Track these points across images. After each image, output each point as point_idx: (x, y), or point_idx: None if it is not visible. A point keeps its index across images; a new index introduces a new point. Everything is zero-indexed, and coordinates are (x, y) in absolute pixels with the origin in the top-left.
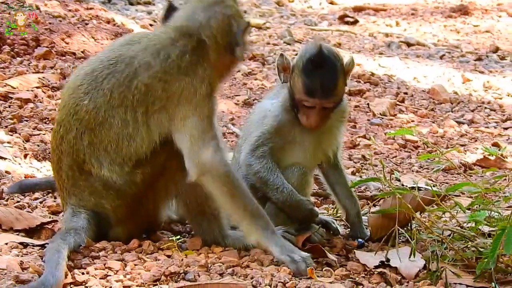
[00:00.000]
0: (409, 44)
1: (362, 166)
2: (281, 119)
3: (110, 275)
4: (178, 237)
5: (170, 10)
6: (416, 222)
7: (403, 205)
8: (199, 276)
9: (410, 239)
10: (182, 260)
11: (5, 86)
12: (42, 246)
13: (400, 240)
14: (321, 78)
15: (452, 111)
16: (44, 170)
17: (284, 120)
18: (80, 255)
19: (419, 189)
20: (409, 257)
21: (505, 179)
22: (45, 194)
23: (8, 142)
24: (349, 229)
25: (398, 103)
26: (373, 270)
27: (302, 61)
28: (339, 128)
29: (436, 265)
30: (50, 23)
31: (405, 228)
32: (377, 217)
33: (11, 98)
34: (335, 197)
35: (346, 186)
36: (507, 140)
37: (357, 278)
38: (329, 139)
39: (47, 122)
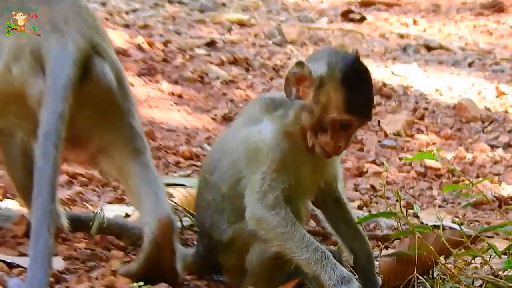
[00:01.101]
0: (429, 48)
1: (371, 198)
2: (283, 149)
3: None
4: (141, 283)
5: None
6: (440, 268)
7: (424, 247)
8: None
9: None
10: None
11: None
12: None
13: None
14: (365, 92)
15: (483, 132)
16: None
17: (287, 149)
18: None
19: (443, 228)
20: None
21: None
22: None
23: None
24: (356, 277)
25: (416, 120)
26: None
27: (339, 71)
28: None
29: None
30: None
31: (426, 276)
32: (391, 262)
33: None
34: (339, 237)
35: (353, 223)
36: None
37: None
38: (326, 167)
39: None
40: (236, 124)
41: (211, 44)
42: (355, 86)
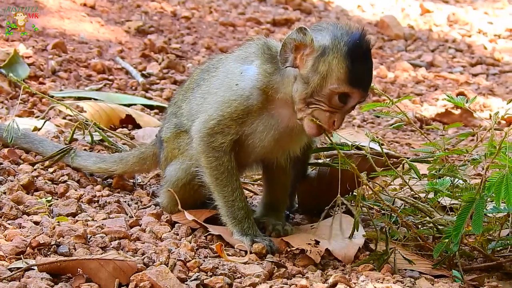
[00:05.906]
0: None
1: None
2: (251, 103)
3: None
4: (49, 198)
5: None
6: (359, 190)
7: (346, 164)
8: (75, 249)
9: (351, 209)
10: (53, 228)
11: None
12: None
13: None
14: (367, 67)
15: (406, 50)
16: None
17: (254, 105)
18: None
19: (361, 148)
20: (351, 235)
21: (472, 139)
22: None
23: None
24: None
25: None
26: (299, 249)
27: (344, 44)
28: None
29: (378, 245)
30: None
31: (345, 196)
32: (310, 183)
33: None
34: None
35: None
36: (476, 89)
37: (279, 259)
38: (299, 139)
39: None
40: (232, 57)
41: None
42: (359, 60)
